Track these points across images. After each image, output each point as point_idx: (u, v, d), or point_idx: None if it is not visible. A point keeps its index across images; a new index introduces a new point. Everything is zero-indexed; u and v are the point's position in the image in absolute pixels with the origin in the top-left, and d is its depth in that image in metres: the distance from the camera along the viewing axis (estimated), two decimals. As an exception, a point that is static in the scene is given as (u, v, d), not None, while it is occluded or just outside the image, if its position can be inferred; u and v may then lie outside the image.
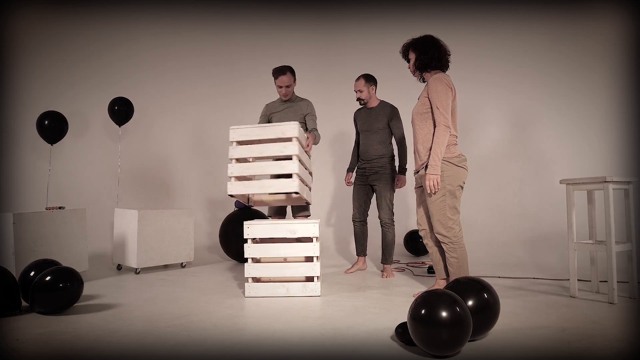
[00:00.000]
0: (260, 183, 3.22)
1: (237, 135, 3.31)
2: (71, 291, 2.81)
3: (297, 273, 3.25)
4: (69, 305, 2.84)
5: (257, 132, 3.27)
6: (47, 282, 2.78)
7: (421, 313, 1.95)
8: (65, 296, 2.80)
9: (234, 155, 3.29)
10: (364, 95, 4.07)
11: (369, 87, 4.06)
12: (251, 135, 3.28)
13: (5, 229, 3.52)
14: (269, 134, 3.25)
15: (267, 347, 2.16)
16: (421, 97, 3.07)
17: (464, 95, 5.60)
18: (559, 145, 5.11)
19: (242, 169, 3.28)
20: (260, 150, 3.25)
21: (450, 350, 1.93)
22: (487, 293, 2.20)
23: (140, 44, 6.16)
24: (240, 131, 3.31)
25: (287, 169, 3.20)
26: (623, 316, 2.60)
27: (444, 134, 2.87)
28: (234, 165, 3.28)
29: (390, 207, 4.04)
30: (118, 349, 2.15)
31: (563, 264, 4.37)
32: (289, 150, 3.21)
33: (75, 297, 2.85)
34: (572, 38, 5.11)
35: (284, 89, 3.95)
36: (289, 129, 3.22)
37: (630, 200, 3.06)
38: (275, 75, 3.93)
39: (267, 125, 3.27)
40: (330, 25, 6.36)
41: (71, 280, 2.83)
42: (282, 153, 3.22)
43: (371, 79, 4.09)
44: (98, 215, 5.66)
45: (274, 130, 3.24)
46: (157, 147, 6.19)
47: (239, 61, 6.43)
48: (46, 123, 4.86)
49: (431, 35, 3.10)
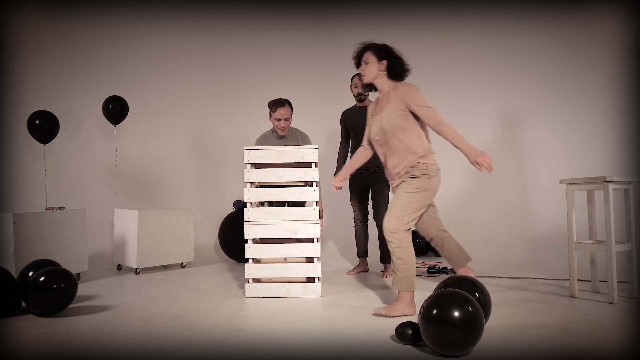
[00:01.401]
0: (278, 210, 3.17)
1: (252, 157, 3.17)
2: (65, 292, 2.76)
3: (297, 274, 3.25)
4: (63, 306, 2.80)
5: (273, 155, 3.14)
6: (40, 283, 2.72)
7: (433, 313, 1.95)
8: (59, 297, 2.74)
9: (250, 179, 3.17)
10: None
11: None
12: (267, 158, 3.16)
13: (5, 229, 3.51)
14: (288, 158, 3.12)
15: (267, 347, 2.16)
16: (386, 109, 2.82)
17: (463, 95, 5.60)
18: (559, 145, 5.11)
19: (260, 195, 3.19)
20: (279, 175, 3.14)
21: (462, 350, 1.93)
22: (471, 306, 2.00)
23: (137, 43, 6.16)
24: (255, 153, 3.16)
25: (306, 196, 3.11)
26: (623, 316, 2.60)
27: (449, 124, 2.71)
28: (249, 191, 3.18)
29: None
30: (118, 349, 2.15)
31: (563, 264, 4.37)
32: (310, 176, 3.11)
33: (69, 299, 2.80)
34: (572, 37, 5.11)
35: (283, 122, 3.77)
36: (309, 153, 3.11)
37: (630, 200, 3.06)
38: (274, 108, 3.74)
39: (285, 148, 3.14)
40: (330, 26, 6.36)
41: (65, 282, 2.77)
42: (301, 179, 3.11)
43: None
44: (98, 215, 5.66)
45: (292, 154, 3.11)
46: (156, 147, 6.19)
47: (238, 60, 6.43)
48: (37, 123, 4.79)
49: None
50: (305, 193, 3.16)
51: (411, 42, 5.83)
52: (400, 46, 3.01)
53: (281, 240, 3.58)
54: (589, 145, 4.97)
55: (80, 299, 3.25)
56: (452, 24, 5.68)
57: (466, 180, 5.46)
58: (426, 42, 5.79)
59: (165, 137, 6.21)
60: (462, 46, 5.62)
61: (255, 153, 3.20)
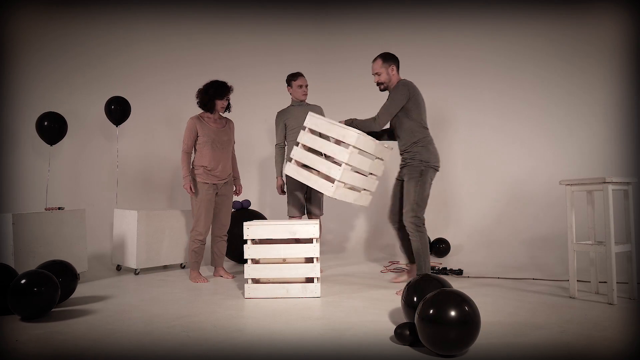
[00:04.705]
0: (307, 175, 3.36)
1: (311, 122, 3.39)
2: (46, 296, 2.66)
3: (296, 274, 3.25)
4: (46, 310, 2.70)
5: (325, 126, 3.31)
6: (21, 285, 2.63)
7: (430, 313, 1.95)
8: (40, 301, 2.64)
9: (301, 140, 3.42)
10: (383, 78, 3.51)
11: (387, 67, 3.50)
12: (321, 128, 3.34)
13: (4, 230, 3.51)
14: (333, 133, 3.26)
15: (266, 347, 2.16)
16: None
17: (463, 97, 5.60)
18: (559, 145, 5.11)
19: (301, 155, 3.41)
20: (321, 145, 3.33)
21: (459, 349, 1.93)
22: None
23: (140, 45, 6.16)
24: (314, 120, 3.38)
25: (331, 172, 3.21)
26: (622, 317, 2.60)
27: None
28: (296, 150, 3.43)
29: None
30: (118, 350, 2.15)
31: (562, 264, 4.37)
32: (341, 156, 3.20)
33: (50, 303, 2.70)
34: (572, 37, 5.11)
35: (304, 88, 4.28)
36: (350, 135, 3.17)
37: (630, 200, 3.06)
38: (295, 77, 4.28)
39: (338, 124, 3.27)
40: (329, 27, 6.37)
41: (46, 285, 2.67)
42: (334, 155, 3.24)
43: (390, 57, 3.54)
44: (97, 215, 5.66)
45: (337, 130, 3.23)
46: (157, 147, 6.18)
47: (239, 63, 6.43)
48: (45, 124, 4.85)
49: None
50: (331, 170, 3.26)
51: (408, 46, 5.84)
52: (397, 50, 3.03)
53: (280, 240, 3.59)
54: (588, 145, 4.97)
55: (80, 300, 3.25)
56: (450, 28, 5.69)
57: (466, 180, 5.46)
58: (424, 45, 5.80)
59: (166, 138, 6.21)
60: (461, 49, 5.62)
61: (314, 120, 3.36)
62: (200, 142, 3.94)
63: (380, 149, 3.45)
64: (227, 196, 4.12)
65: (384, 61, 3.49)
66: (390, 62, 3.50)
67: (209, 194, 3.93)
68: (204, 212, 3.92)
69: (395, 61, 3.53)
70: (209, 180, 3.94)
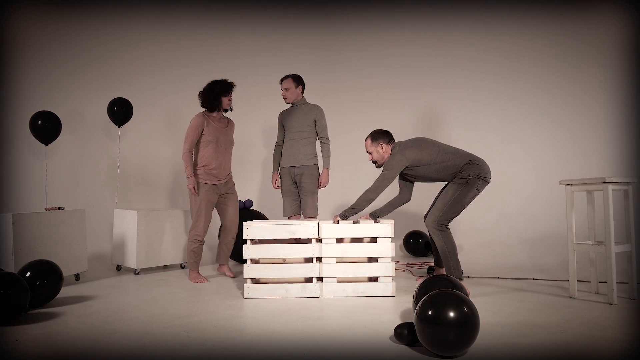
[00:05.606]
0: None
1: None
2: (14, 300, 2.56)
3: (296, 274, 3.25)
4: (15, 314, 2.60)
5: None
6: None
7: (428, 314, 1.95)
8: (7, 305, 2.54)
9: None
10: (375, 157, 3.57)
11: (377, 146, 3.55)
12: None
13: (4, 230, 3.51)
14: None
15: (266, 347, 2.16)
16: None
17: (464, 98, 5.60)
18: (559, 145, 5.11)
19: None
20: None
21: (457, 350, 1.93)
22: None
23: (142, 46, 6.16)
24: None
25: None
26: (622, 317, 2.60)
27: None
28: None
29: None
30: (117, 350, 2.15)
31: (562, 264, 4.37)
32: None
33: (20, 307, 2.60)
34: (572, 38, 5.11)
35: (283, 91, 4.20)
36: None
37: (630, 201, 3.06)
38: (281, 82, 4.23)
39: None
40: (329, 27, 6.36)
41: (13, 288, 2.57)
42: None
43: (378, 136, 3.57)
44: (97, 215, 5.66)
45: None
46: (157, 147, 6.18)
47: (239, 61, 6.43)
48: (39, 123, 4.80)
49: None
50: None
51: (408, 46, 5.84)
52: (396, 51, 3.03)
53: (280, 240, 3.58)
54: (588, 145, 4.97)
55: (80, 300, 3.25)
56: (450, 29, 5.69)
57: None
58: (424, 45, 5.80)
59: (167, 138, 6.21)
60: (461, 50, 5.62)
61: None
62: (203, 141, 3.94)
63: None
64: (231, 192, 4.12)
65: (372, 141, 3.52)
66: (379, 141, 3.50)
67: (209, 194, 3.93)
68: (203, 213, 3.92)
69: (385, 137, 3.52)
70: (209, 181, 3.94)
